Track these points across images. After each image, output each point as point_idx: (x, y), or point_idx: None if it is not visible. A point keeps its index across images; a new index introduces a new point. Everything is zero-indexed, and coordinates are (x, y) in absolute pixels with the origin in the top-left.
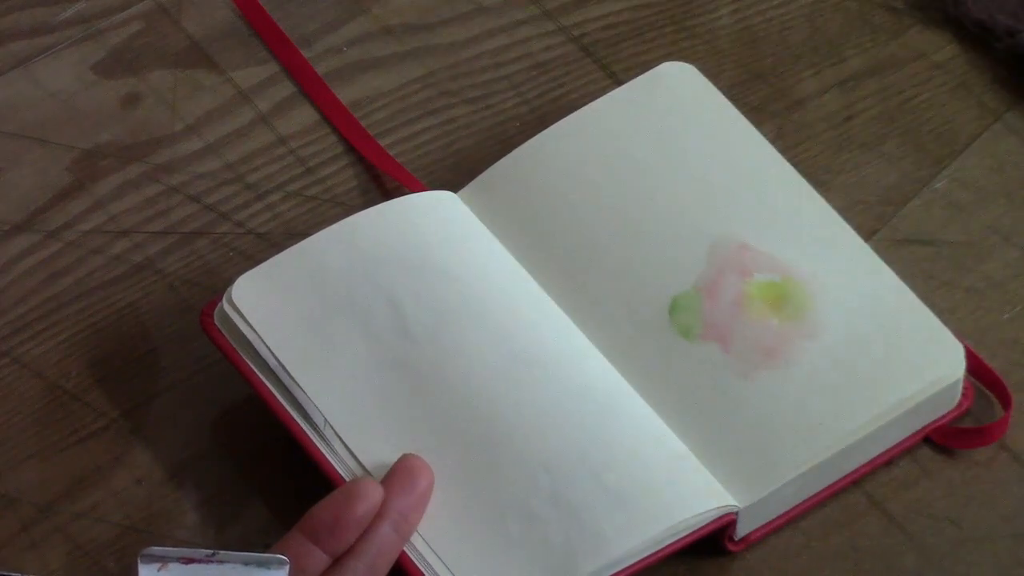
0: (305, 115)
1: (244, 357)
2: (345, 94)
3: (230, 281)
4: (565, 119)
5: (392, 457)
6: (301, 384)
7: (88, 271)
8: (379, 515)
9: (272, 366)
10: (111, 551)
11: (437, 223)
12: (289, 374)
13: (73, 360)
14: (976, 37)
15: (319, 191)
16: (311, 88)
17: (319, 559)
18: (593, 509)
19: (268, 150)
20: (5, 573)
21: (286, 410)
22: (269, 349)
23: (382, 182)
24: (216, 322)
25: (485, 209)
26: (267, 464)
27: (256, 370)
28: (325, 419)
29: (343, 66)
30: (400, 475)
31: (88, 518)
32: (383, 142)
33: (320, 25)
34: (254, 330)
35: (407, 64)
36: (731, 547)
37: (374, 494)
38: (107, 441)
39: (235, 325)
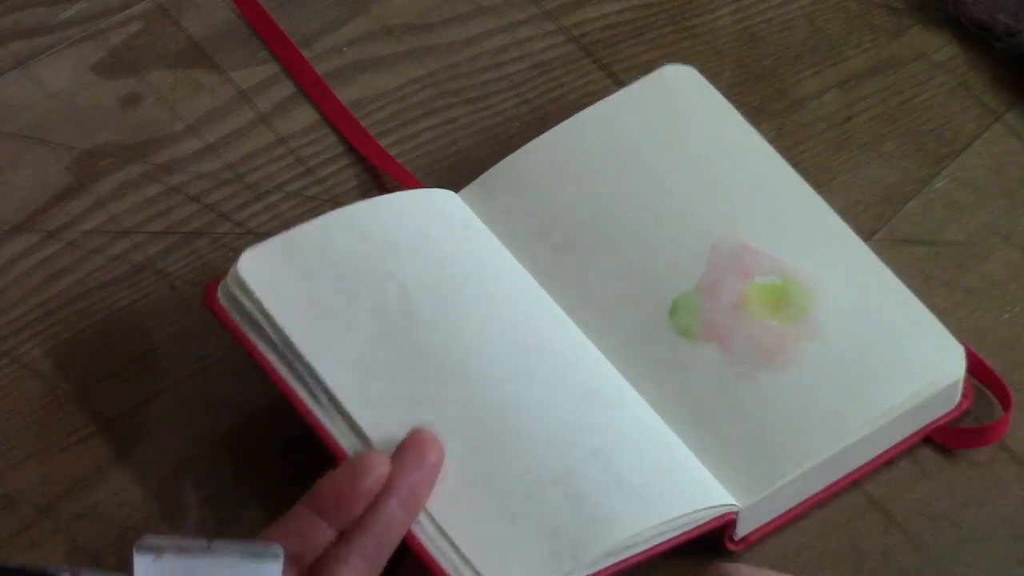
0: (305, 115)
1: (248, 334)
2: (345, 94)
3: None
4: (566, 121)
5: (400, 434)
6: (308, 359)
7: (88, 271)
8: (387, 490)
9: (277, 341)
10: (111, 551)
11: (441, 215)
12: (295, 349)
13: (73, 360)
14: (976, 37)
15: (319, 191)
16: (311, 88)
17: (325, 532)
18: (600, 495)
19: (268, 150)
20: (7, 566)
21: (291, 387)
22: (275, 323)
23: (382, 182)
24: (220, 298)
25: (486, 210)
26: (267, 464)
27: (260, 347)
28: (331, 395)
29: (343, 66)
30: (409, 449)
31: (88, 518)
32: (383, 142)
33: (320, 25)
34: (260, 303)
35: (407, 64)
36: (731, 547)
37: (381, 466)
38: (107, 441)
39: (239, 301)
